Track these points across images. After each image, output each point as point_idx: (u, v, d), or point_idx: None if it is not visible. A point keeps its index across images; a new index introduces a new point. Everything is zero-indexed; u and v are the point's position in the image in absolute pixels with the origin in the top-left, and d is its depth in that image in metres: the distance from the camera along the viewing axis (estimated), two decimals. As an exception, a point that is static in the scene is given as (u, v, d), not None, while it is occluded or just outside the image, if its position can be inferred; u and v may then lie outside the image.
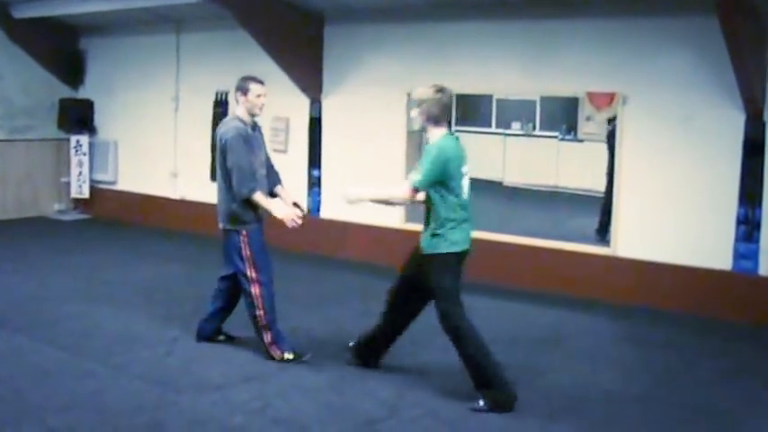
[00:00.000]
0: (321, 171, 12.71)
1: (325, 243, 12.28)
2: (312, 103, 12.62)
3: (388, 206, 7.61)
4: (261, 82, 7.77)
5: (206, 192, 13.93)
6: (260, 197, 7.44)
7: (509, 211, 11.34)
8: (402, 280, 7.27)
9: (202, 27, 14.00)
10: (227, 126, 7.60)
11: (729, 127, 9.64)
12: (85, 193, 15.88)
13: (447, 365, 7.52)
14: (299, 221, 7.51)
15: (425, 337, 8.09)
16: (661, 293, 10.10)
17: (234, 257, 7.60)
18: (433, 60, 11.69)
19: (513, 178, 11.15)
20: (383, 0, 11.63)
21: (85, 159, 15.72)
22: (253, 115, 7.74)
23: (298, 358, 7.52)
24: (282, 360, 7.48)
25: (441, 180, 6.69)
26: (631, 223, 10.28)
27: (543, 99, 11.06)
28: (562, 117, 10.94)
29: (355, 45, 12.43)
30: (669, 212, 10.07)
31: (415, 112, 6.92)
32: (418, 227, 10.79)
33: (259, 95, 7.68)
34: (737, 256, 9.66)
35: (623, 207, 10.33)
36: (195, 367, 7.39)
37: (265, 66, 12.26)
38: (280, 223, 7.43)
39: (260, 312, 7.48)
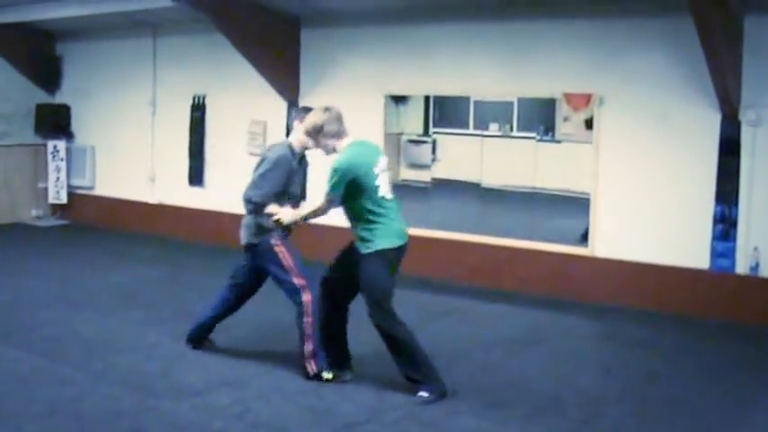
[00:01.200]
0: (299, 174, 12.67)
1: (305, 246, 12.25)
2: (289, 107, 12.59)
3: (318, 217, 7.43)
4: None
5: (184, 196, 13.96)
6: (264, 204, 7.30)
7: (487, 212, 11.34)
8: (335, 278, 7.29)
9: (179, 31, 13.98)
10: (278, 149, 7.42)
11: (706, 126, 9.68)
12: (63, 199, 15.82)
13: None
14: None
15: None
16: (639, 293, 10.14)
17: (274, 271, 7.38)
18: (410, 62, 11.72)
19: (490, 180, 11.15)
20: (360, 2, 11.63)
21: (63, 165, 15.65)
22: (305, 148, 7.49)
23: (335, 380, 7.23)
24: (317, 377, 7.21)
25: (353, 188, 6.82)
26: (609, 223, 10.32)
27: (521, 100, 11.06)
28: (540, 118, 10.94)
29: (332, 47, 12.43)
30: (647, 212, 10.11)
31: (322, 141, 7.02)
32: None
33: None
34: (715, 254, 9.70)
35: (601, 207, 10.37)
36: (174, 372, 7.36)
37: (242, 69, 12.30)
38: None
39: (308, 319, 7.24)
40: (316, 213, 7.23)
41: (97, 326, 8.78)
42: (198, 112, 14.01)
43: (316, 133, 6.97)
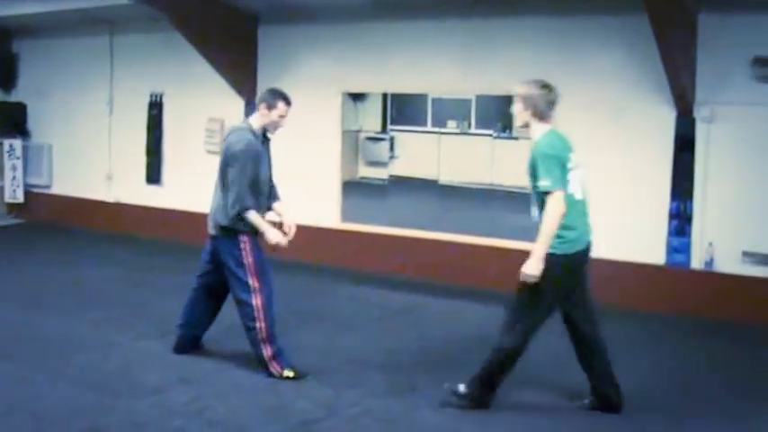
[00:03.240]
0: (257, 172, 12.67)
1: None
2: (247, 105, 12.58)
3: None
4: (289, 103, 7.33)
5: (142, 194, 13.93)
6: (253, 216, 7.10)
7: (445, 209, 11.38)
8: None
9: (136, 29, 13.93)
10: (239, 135, 7.20)
11: (661, 123, 9.80)
12: (20, 198, 15.72)
13: (383, 364, 7.59)
14: (285, 245, 7.21)
15: (362, 337, 8.13)
16: (596, 288, 10.16)
17: (231, 265, 7.22)
18: (369, 60, 11.75)
19: (448, 177, 11.19)
20: (318, 0, 11.65)
21: (19, 163, 15.56)
22: (265, 130, 7.33)
23: (298, 377, 7.21)
24: (281, 378, 7.17)
25: None
26: (566, 219, 10.40)
27: (479, 97, 11.11)
28: (497, 115, 10.99)
29: (290, 45, 12.44)
30: (603, 208, 10.12)
31: (523, 112, 6.65)
32: (354, 227, 10.87)
33: (282, 116, 7.26)
34: (670, 250, 9.81)
35: (558, 204, 10.44)
36: (132, 371, 7.33)
37: (199, 67, 12.28)
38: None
39: (260, 324, 7.14)
40: (555, 222, 6.36)
41: (55, 325, 8.73)
42: (155, 110, 13.99)
43: (521, 99, 6.58)
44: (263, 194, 7.31)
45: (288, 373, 7.21)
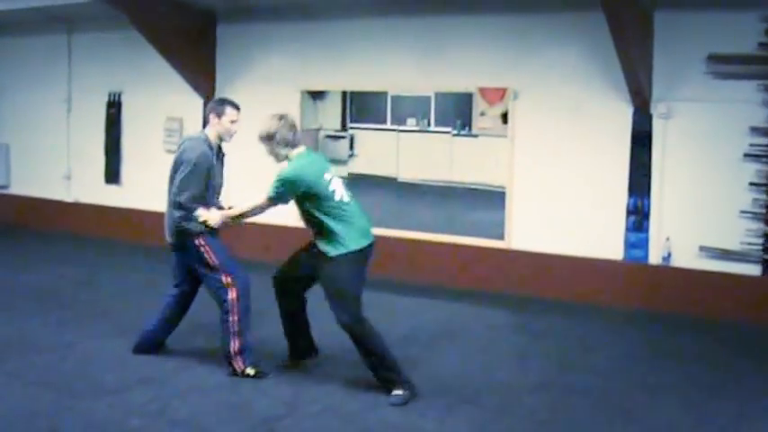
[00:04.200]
0: (217, 171, 12.63)
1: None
2: (206, 103, 12.52)
3: (255, 216, 7.47)
4: (237, 107, 7.38)
5: (100, 194, 13.85)
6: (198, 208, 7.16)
7: (404, 206, 11.40)
8: (288, 275, 7.45)
9: (94, 27, 13.84)
10: (195, 145, 7.21)
11: (618, 119, 9.86)
12: (-23, 199, 15.59)
13: (344, 362, 7.58)
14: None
15: (322, 335, 8.14)
16: (555, 284, 10.28)
17: (200, 269, 7.29)
18: (327, 58, 11.75)
19: (407, 174, 11.21)
20: (275, -2, 11.66)
21: (-24, 164, 15.44)
22: (221, 140, 7.38)
23: (259, 375, 7.22)
24: (243, 375, 7.19)
25: (308, 196, 6.96)
26: (525, 216, 10.44)
27: (438, 95, 11.13)
28: (456, 113, 11.01)
29: (248, 43, 12.42)
30: (561, 204, 10.25)
31: (275, 149, 7.06)
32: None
33: (233, 121, 7.31)
34: (628, 245, 9.89)
35: (516, 200, 10.48)
36: (91, 371, 7.29)
37: (158, 65, 12.22)
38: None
39: (233, 318, 7.18)
40: (253, 212, 7.29)
41: (13, 326, 8.66)
42: (114, 109, 13.91)
43: (268, 140, 6.95)
44: (209, 203, 7.31)
45: (249, 370, 7.21)
